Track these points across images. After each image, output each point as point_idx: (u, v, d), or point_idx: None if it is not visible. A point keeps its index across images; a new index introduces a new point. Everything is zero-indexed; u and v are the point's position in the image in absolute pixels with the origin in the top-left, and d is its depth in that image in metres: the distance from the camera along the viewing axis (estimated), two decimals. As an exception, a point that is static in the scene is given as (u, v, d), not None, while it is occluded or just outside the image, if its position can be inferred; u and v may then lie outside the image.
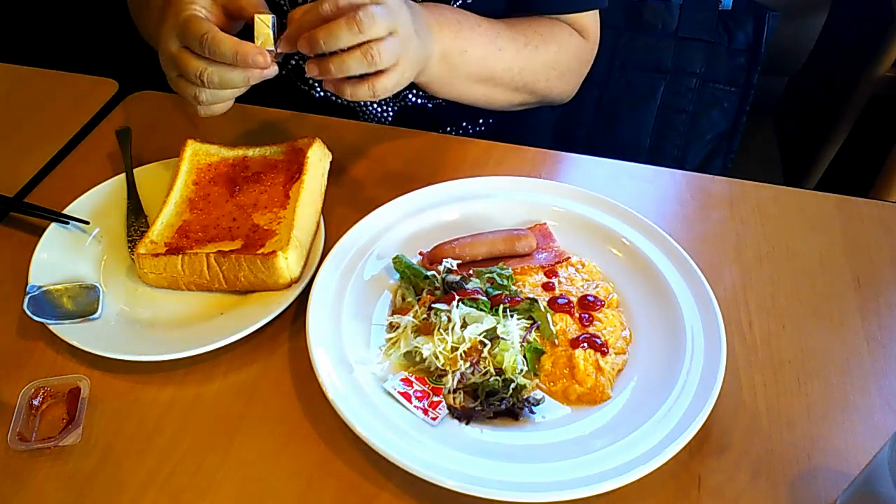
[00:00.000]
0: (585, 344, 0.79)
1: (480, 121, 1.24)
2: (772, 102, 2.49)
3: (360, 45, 0.80)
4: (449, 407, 0.75)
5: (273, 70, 0.84)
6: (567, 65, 1.13)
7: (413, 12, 0.88)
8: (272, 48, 0.84)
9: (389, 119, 1.19)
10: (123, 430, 0.75)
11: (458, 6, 1.05)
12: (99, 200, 0.96)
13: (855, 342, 0.83)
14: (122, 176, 0.98)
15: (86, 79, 1.19)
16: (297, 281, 0.84)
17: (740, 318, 0.85)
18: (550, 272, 0.88)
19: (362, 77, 0.83)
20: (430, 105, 1.16)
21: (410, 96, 1.16)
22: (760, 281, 0.89)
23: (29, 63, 1.23)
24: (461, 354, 0.77)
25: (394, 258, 0.86)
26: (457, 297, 0.80)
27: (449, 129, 1.21)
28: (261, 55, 0.81)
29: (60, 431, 0.73)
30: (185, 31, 0.83)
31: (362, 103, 1.16)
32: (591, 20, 1.14)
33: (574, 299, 0.84)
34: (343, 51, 0.81)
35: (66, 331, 0.79)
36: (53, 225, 0.91)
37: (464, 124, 1.23)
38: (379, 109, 1.17)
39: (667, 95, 1.41)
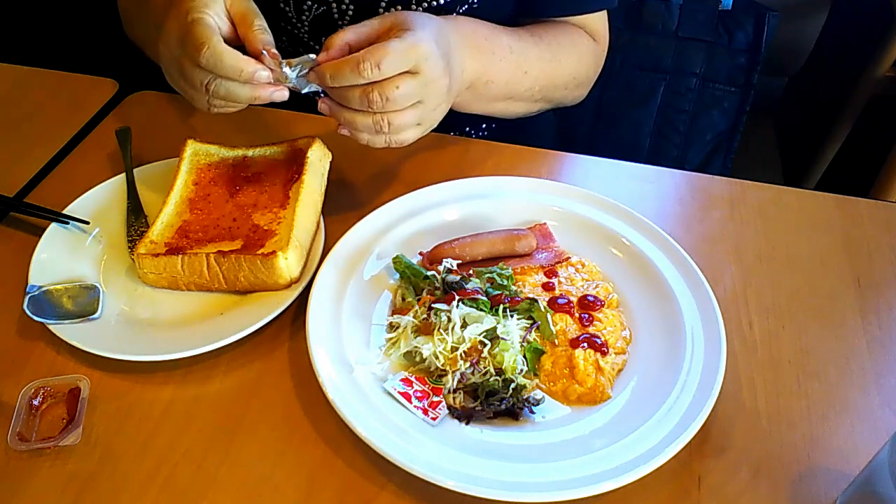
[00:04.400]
0: (585, 344, 0.79)
1: (483, 125, 1.24)
2: (772, 102, 2.49)
3: (364, 86, 0.80)
4: (449, 407, 0.75)
5: (282, 94, 0.83)
6: (585, 73, 1.13)
7: (442, 46, 0.86)
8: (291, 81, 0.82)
9: None
10: (123, 430, 0.75)
11: (463, 11, 1.05)
12: (99, 200, 0.96)
13: (855, 342, 0.83)
14: (122, 176, 0.98)
15: (86, 79, 1.19)
16: (297, 281, 0.84)
17: (740, 318, 0.85)
18: (550, 272, 0.88)
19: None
20: None
21: None
22: (760, 281, 0.89)
23: (29, 63, 1.23)
24: (461, 354, 0.77)
25: (394, 258, 0.86)
26: (457, 297, 0.80)
27: (452, 132, 1.21)
28: (264, 70, 0.80)
29: (60, 431, 0.73)
30: (186, 36, 0.80)
31: None
32: (601, 23, 1.14)
33: (574, 299, 0.84)
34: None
35: (66, 331, 0.79)
36: (53, 225, 0.91)
37: (466, 129, 1.23)
38: None
39: (667, 95, 1.41)
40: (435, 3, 1.03)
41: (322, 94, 0.85)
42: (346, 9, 1.04)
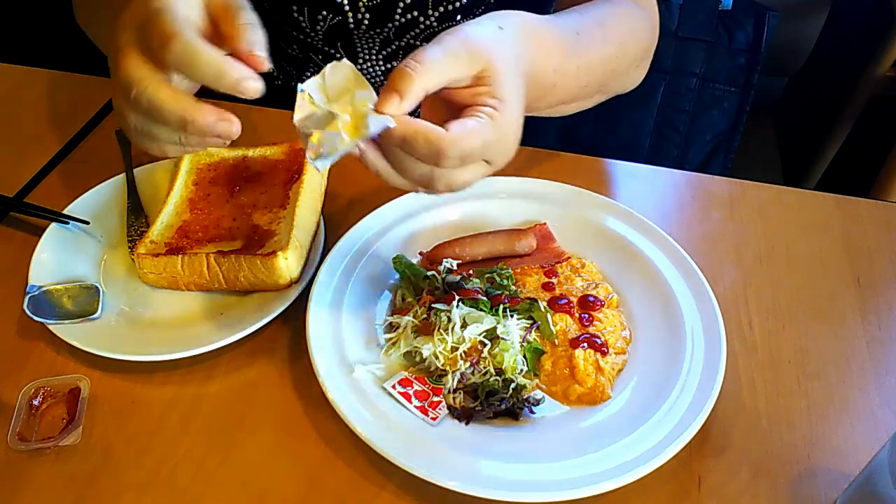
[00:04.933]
0: (585, 344, 0.79)
1: None
2: (772, 102, 2.49)
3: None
4: (449, 407, 0.75)
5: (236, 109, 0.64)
6: (645, 50, 1.02)
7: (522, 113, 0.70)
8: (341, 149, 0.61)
9: None
10: (123, 430, 0.75)
11: (480, 12, 1.03)
12: (99, 200, 0.96)
13: (855, 342, 0.83)
14: (122, 176, 0.98)
15: (86, 79, 1.19)
16: (297, 281, 0.84)
17: (740, 318, 0.85)
18: (550, 272, 0.88)
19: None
20: None
21: None
22: (760, 281, 0.89)
23: (29, 63, 1.23)
24: (461, 354, 0.77)
25: (394, 258, 0.86)
26: (457, 297, 0.80)
27: None
28: (256, 81, 0.61)
29: (60, 431, 0.73)
30: (146, 27, 0.62)
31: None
32: None
33: (574, 299, 0.84)
34: None
35: (66, 331, 0.79)
36: (53, 225, 0.91)
37: None
38: None
39: (667, 95, 1.41)
40: (451, 6, 1.02)
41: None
42: (362, 18, 1.03)
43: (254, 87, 0.62)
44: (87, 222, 0.92)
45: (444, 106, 0.68)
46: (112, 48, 0.65)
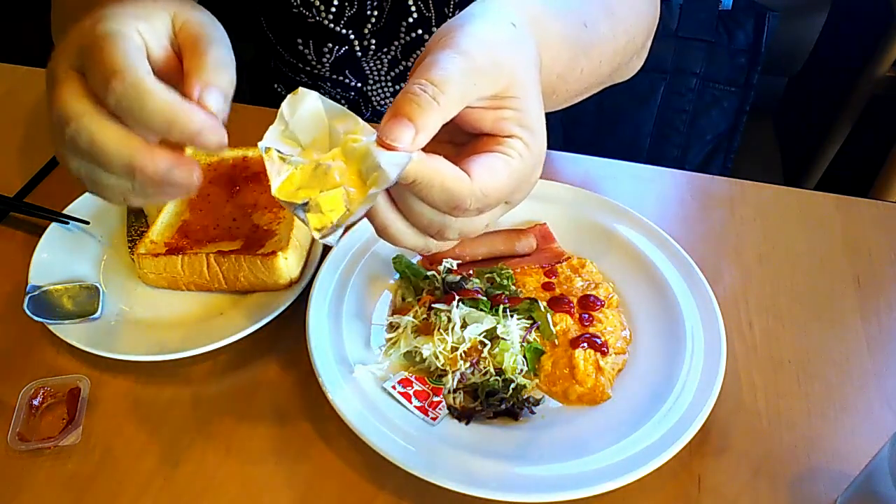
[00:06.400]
0: (585, 344, 0.79)
1: None
2: (772, 102, 2.49)
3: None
4: (449, 407, 0.75)
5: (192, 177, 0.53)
6: (650, 33, 0.94)
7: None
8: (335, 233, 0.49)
9: None
10: (123, 430, 0.75)
11: None
12: (99, 200, 0.94)
13: (855, 342, 0.83)
14: (122, 176, 0.98)
15: (86, 79, 1.19)
16: (297, 281, 0.84)
17: (740, 318, 0.85)
18: (550, 272, 0.88)
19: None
20: None
21: None
22: (760, 281, 0.89)
23: (29, 63, 1.23)
24: (461, 354, 0.77)
25: (394, 258, 0.86)
26: (457, 297, 0.80)
27: None
28: (214, 133, 0.51)
29: (60, 431, 0.73)
30: (90, 51, 0.50)
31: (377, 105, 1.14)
32: None
33: (574, 299, 0.84)
34: None
35: (66, 331, 0.79)
36: (53, 225, 0.91)
37: None
38: None
39: (667, 95, 1.41)
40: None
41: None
42: (369, 44, 1.03)
43: (216, 141, 0.51)
44: (87, 222, 0.92)
45: (452, 125, 0.53)
46: (49, 79, 0.53)
